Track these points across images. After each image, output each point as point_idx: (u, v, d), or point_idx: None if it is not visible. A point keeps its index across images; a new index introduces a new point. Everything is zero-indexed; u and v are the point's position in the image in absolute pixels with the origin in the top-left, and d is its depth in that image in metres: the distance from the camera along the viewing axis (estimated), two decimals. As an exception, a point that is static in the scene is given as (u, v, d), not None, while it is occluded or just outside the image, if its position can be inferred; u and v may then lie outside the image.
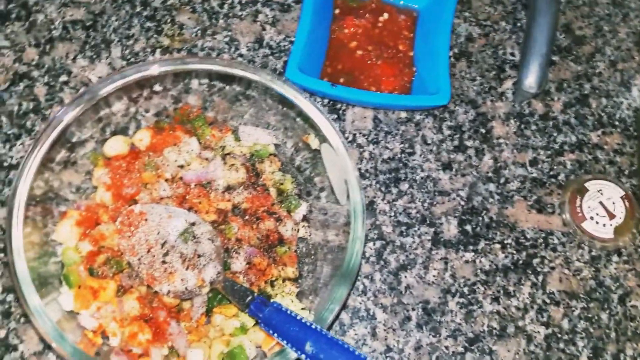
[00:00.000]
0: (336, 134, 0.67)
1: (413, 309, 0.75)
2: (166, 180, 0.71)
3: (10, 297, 0.71)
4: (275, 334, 0.57)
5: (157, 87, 0.73)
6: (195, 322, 0.67)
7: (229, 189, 0.72)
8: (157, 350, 0.64)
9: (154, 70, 0.67)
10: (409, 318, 0.75)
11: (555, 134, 0.85)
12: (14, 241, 0.60)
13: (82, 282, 0.65)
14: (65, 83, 0.81)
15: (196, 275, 0.66)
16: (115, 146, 0.70)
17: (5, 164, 0.77)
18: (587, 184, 0.81)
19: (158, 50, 0.85)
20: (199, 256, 0.67)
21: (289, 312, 0.58)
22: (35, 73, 0.82)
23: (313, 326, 0.55)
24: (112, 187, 0.69)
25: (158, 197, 0.70)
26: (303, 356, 0.55)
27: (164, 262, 0.67)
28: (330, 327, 0.73)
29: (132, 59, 0.84)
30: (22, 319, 0.70)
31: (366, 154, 0.82)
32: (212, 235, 0.68)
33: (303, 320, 0.56)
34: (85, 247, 0.67)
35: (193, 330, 0.67)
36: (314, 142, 0.70)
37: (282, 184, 0.74)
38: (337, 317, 0.73)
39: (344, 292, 0.61)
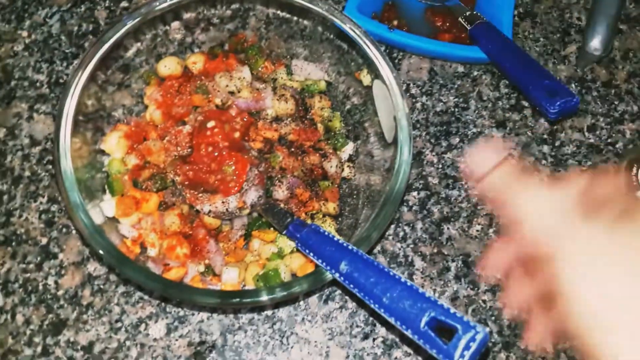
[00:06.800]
0: (389, 70, 0.65)
1: (453, 260, 0.73)
2: (216, 105, 0.71)
3: (54, 207, 0.72)
4: (312, 254, 0.57)
5: (214, 20, 0.73)
6: (233, 244, 0.67)
7: (277, 119, 0.72)
8: (193, 266, 0.64)
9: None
10: (447, 268, 0.73)
11: (616, 102, 0.81)
12: (61, 142, 0.60)
13: (125, 191, 0.66)
14: (126, 9, 0.82)
15: (238, 198, 0.66)
16: (170, 65, 0.70)
17: (61, 81, 0.79)
18: (645, 154, 0.77)
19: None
20: (243, 180, 0.67)
21: (326, 233, 0.57)
22: (98, -4, 0.83)
23: (350, 247, 0.54)
24: (162, 106, 0.69)
25: (207, 120, 0.70)
26: (337, 275, 0.54)
27: (207, 183, 0.67)
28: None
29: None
30: (64, 230, 0.71)
31: (419, 105, 0.80)
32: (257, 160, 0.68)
33: (340, 241, 0.55)
34: (131, 160, 0.67)
35: (231, 252, 0.67)
36: (366, 78, 0.69)
37: (330, 121, 0.73)
38: (371, 250, 0.72)
39: (386, 218, 0.60)
